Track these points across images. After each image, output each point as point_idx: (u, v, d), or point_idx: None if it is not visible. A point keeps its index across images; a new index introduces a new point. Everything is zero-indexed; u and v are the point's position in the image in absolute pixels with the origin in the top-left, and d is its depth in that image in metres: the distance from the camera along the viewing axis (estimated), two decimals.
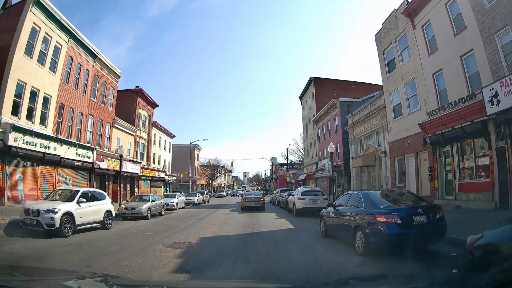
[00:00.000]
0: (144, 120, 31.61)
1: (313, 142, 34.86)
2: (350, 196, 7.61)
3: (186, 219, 15.27)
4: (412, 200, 7.14)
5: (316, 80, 34.44)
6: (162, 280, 4.57)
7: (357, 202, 7.03)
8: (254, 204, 19.77)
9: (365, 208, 6.57)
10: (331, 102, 26.67)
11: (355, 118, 22.90)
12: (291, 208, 17.11)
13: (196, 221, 14.17)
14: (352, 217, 6.88)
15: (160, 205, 17.88)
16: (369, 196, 6.84)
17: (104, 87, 24.55)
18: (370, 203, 6.56)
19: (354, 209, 6.94)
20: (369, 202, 6.60)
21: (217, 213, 18.51)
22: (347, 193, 8.28)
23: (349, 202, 7.49)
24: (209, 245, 7.74)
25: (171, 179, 39.34)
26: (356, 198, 7.20)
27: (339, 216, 7.64)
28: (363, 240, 6.22)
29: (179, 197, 23.76)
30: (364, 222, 6.31)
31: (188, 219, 15.26)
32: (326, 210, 8.85)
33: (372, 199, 6.64)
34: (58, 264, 6.02)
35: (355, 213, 6.77)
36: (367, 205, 6.57)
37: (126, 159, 25.65)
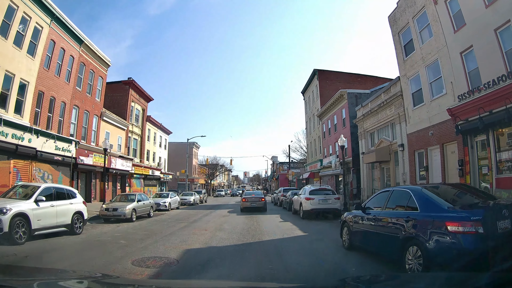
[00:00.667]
0: (137, 114, 29.53)
1: (317, 138, 32.77)
2: (390, 194, 5.51)
3: (176, 222, 13.18)
4: (480, 197, 5.04)
5: (320, 72, 32.37)
6: (162, 281, 4.43)
7: (404, 201, 4.95)
8: (254, 205, 17.77)
9: (422, 210, 4.47)
10: (338, 94, 24.59)
11: (365, 110, 20.81)
12: (296, 209, 15.02)
13: (187, 225, 12.08)
14: (398, 224, 4.80)
15: (148, 206, 15.79)
16: (424, 193, 4.74)
17: (91, 76, 22.48)
18: (429, 204, 4.47)
19: (402, 213, 4.86)
20: (428, 201, 4.52)
21: (213, 215, 16.42)
22: (383, 191, 6.18)
23: (389, 202, 5.41)
24: (192, 264, 5.62)
25: (167, 178, 37.24)
26: (402, 196, 5.13)
27: (373, 223, 5.56)
28: (420, 260, 4.13)
29: (172, 197, 21.68)
30: (422, 232, 4.22)
31: (179, 222, 13.17)
32: (350, 213, 6.79)
33: (432, 198, 4.54)
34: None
35: (404, 219, 4.68)
36: (425, 206, 4.48)
37: (116, 154, 23.58)
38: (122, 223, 12.96)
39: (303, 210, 13.42)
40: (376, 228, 5.39)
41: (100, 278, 2.56)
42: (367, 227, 5.82)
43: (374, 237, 5.47)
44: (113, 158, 23.07)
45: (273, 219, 13.71)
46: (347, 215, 6.92)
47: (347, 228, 6.62)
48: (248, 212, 17.37)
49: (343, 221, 6.93)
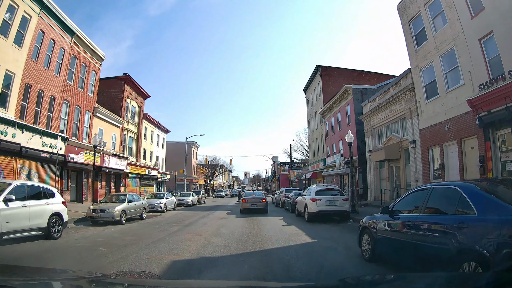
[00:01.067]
0: (133, 112, 28.42)
1: (319, 136, 31.64)
2: (430, 194, 4.32)
3: (169, 225, 12.01)
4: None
5: (323, 68, 31.28)
6: (162, 281, 4.37)
7: (452, 202, 3.80)
8: (255, 206, 16.66)
9: (481, 214, 3.32)
10: (343, 89, 23.47)
11: (372, 105, 19.69)
12: (301, 211, 13.86)
13: (180, 228, 10.89)
14: (447, 232, 3.64)
15: (140, 207, 14.63)
16: (481, 191, 3.59)
17: (84, 70, 21.38)
18: (490, 205, 3.33)
19: (451, 218, 3.71)
20: (488, 202, 3.37)
21: (210, 217, 15.25)
22: (418, 189, 4.97)
23: (428, 203, 4.26)
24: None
25: (164, 178, 36.09)
26: (448, 196, 3.99)
27: (407, 230, 4.39)
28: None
29: (168, 197, 20.53)
30: (484, 244, 3.07)
31: (172, 225, 12.00)
32: (372, 218, 5.65)
33: (494, 198, 3.39)
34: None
35: (456, 225, 3.52)
36: (485, 209, 3.33)
37: (109, 153, 22.46)
38: (110, 226, 11.84)
39: (308, 212, 12.26)
40: (412, 237, 4.22)
41: (99, 278, 2.58)
42: (397, 235, 4.67)
43: (409, 249, 4.31)
44: (106, 156, 21.96)
45: (275, 222, 12.55)
46: (368, 220, 5.77)
47: (369, 236, 5.46)
48: (248, 214, 16.17)
49: (362, 227, 5.77)
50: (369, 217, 5.86)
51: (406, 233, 4.45)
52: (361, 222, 6.03)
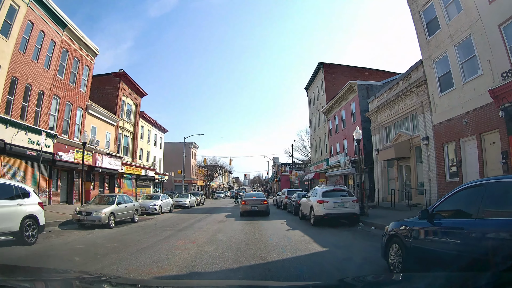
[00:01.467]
0: (128, 110, 27.39)
1: (322, 136, 30.60)
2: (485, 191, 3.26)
3: (161, 229, 10.90)
4: None
5: (325, 66, 30.28)
6: (162, 281, 4.36)
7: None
8: (255, 209, 15.57)
9: None
10: (347, 85, 22.46)
11: (379, 101, 18.66)
12: (305, 214, 12.78)
13: (173, 233, 9.79)
14: None
15: (132, 209, 13.54)
16: None
17: (76, 65, 20.37)
18: None
19: None
20: None
21: (207, 220, 14.15)
22: (466, 186, 3.80)
23: (486, 203, 3.20)
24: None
25: (162, 179, 35.00)
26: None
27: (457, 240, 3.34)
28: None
29: (164, 199, 19.44)
30: None
31: (164, 229, 10.89)
32: (404, 224, 4.52)
33: None
34: None
35: None
36: None
37: (102, 152, 21.41)
38: (97, 230, 10.78)
39: (314, 216, 11.17)
40: (468, 248, 3.16)
41: (100, 278, 2.53)
42: (442, 246, 3.60)
43: (457, 263, 3.24)
44: (99, 155, 20.91)
45: (278, 227, 11.44)
46: (396, 226, 4.64)
47: (399, 246, 4.36)
48: (248, 217, 14.97)
49: (390, 235, 4.66)
50: (398, 222, 4.76)
51: (455, 244, 3.39)
52: (386, 229, 4.93)
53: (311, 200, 11.96)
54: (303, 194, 14.88)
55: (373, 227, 10.50)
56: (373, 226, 10.56)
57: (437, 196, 13.51)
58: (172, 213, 19.25)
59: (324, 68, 30.04)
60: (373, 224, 10.76)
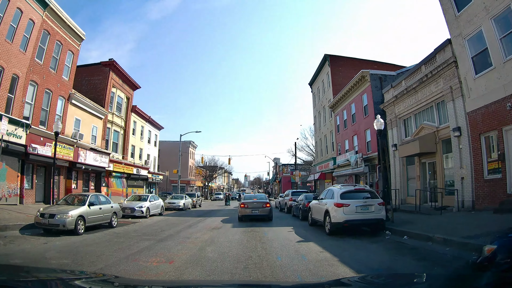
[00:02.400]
0: (119, 103, 25.31)
1: (328, 133, 28.46)
2: None
3: (138, 239, 8.66)
4: None
5: (331, 58, 28.24)
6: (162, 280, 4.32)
7: None
8: (256, 212, 13.49)
9: None
10: (359, 75, 20.37)
11: (397, 90, 16.56)
12: (317, 220, 10.60)
13: (150, 245, 7.59)
14: None
15: (109, 212, 11.37)
16: None
17: (58, 49, 18.32)
18: None
19: None
20: None
21: (199, 227, 11.89)
22: None
23: None
24: None
25: (156, 178, 32.81)
26: None
27: None
28: None
29: (153, 200, 17.26)
30: None
31: (142, 239, 8.65)
32: None
33: None
34: None
35: None
36: None
37: (85, 146, 19.30)
38: (61, 237, 8.73)
39: (331, 223, 8.94)
40: None
41: (100, 278, 2.56)
42: None
43: None
44: (82, 150, 18.79)
45: (285, 236, 9.18)
46: None
47: None
48: (248, 222, 13.02)
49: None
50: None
51: None
52: (489, 251, 2.74)
53: (325, 204, 9.77)
54: (313, 196, 12.62)
55: (405, 237, 8.33)
56: (405, 236, 8.38)
57: (473, 196, 11.36)
58: (162, 217, 17.06)
59: (331, 60, 28.00)
60: (404, 233, 8.58)
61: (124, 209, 15.55)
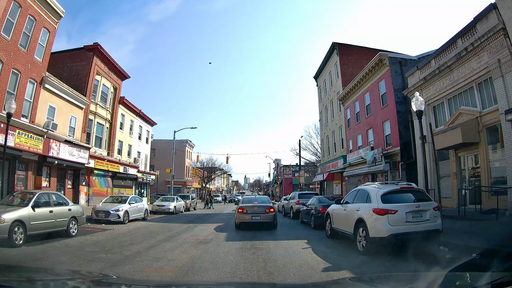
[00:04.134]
0: (104, 92, 22.76)
1: (337, 129, 25.85)
2: None
3: (87, 259, 5.95)
4: None
5: (340, 47, 25.75)
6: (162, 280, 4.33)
7: None
8: (257, 219, 11.10)
9: None
10: (375, 59, 17.83)
11: (425, 72, 14.00)
12: (341, 231, 7.89)
13: (96, 271, 4.80)
14: None
15: (64, 217, 8.68)
16: None
17: (31, 25, 15.80)
18: None
19: None
20: None
21: (181, 239, 8.97)
22: None
23: None
24: None
25: (148, 178, 30.12)
26: None
27: None
28: None
29: (134, 203, 14.56)
30: None
31: (91, 261, 5.81)
32: None
33: None
34: None
35: None
36: None
37: (59, 138, 16.71)
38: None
39: (369, 237, 6.23)
40: None
41: (100, 279, 2.55)
42: None
43: None
44: (54, 142, 16.20)
45: (301, 257, 6.36)
46: None
47: None
48: (248, 230, 10.66)
49: None
50: None
51: None
52: None
53: (356, 209, 7.11)
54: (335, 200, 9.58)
55: (474, 255, 5.67)
56: (474, 253, 5.73)
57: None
58: (144, 222, 14.37)
59: (339, 49, 25.49)
60: (470, 249, 5.94)
61: (98, 212, 12.95)
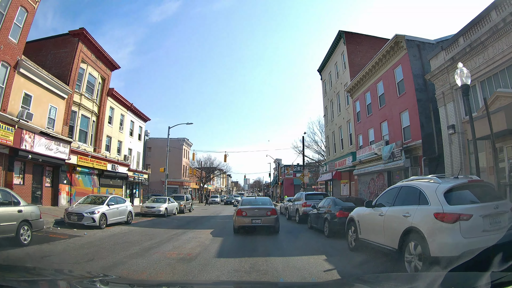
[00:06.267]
0: (91, 82, 20.85)
1: (344, 124, 23.95)
2: None
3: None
4: None
5: (347, 35, 23.90)
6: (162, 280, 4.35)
7: None
8: (258, 222, 10.31)
9: None
10: (391, 42, 15.96)
11: (452, 52, 12.13)
12: (375, 243, 5.89)
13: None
14: None
15: (12, 221, 6.86)
16: None
17: (6, 2, 13.95)
18: None
19: None
20: None
21: (159, 254, 6.77)
22: None
23: None
24: None
25: (140, 178, 28.11)
26: None
27: None
28: None
29: (114, 204, 12.58)
30: None
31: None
32: None
33: None
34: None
35: None
36: None
37: (34, 129, 14.79)
38: None
39: (431, 256, 3.97)
40: None
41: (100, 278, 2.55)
42: None
43: None
44: (27, 134, 14.29)
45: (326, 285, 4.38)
46: None
47: None
48: (246, 238, 9.52)
49: None
50: None
51: None
52: None
53: (406, 215, 4.99)
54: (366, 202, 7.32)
55: None
56: None
57: None
58: (127, 226, 12.43)
59: (346, 38, 23.63)
60: None
61: (70, 215, 11.05)
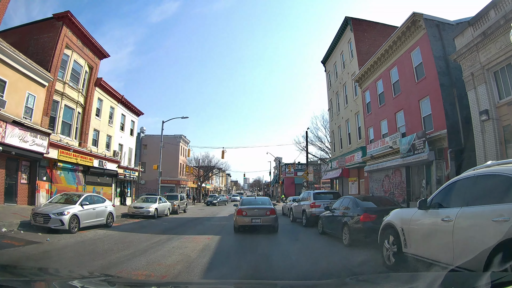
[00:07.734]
0: (76, 71, 19.08)
1: (352, 117, 22.24)
2: None
3: None
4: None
5: (354, 22, 22.21)
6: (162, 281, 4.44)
7: None
8: (258, 222, 10.48)
9: None
10: (407, 22, 14.23)
11: (482, 27, 10.39)
12: (434, 261, 3.81)
13: None
14: None
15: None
16: None
17: None
18: None
19: None
20: None
21: (131, 268, 5.22)
22: None
23: None
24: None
25: (131, 175, 26.31)
26: None
27: None
28: None
29: (89, 204, 10.76)
30: None
31: None
32: None
33: None
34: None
35: None
36: None
37: (5, 117, 13.05)
38: None
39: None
40: None
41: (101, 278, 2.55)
42: None
43: None
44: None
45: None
46: None
47: None
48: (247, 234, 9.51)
49: None
50: None
51: None
52: None
53: (501, 218, 2.99)
54: (419, 201, 5.10)
55: None
56: None
57: None
58: (105, 230, 10.69)
59: (353, 24, 21.93)
60: None
61: (36, 216, 9.34)
